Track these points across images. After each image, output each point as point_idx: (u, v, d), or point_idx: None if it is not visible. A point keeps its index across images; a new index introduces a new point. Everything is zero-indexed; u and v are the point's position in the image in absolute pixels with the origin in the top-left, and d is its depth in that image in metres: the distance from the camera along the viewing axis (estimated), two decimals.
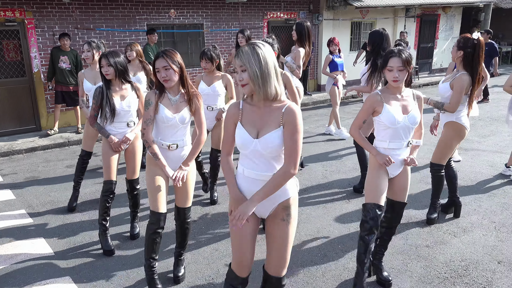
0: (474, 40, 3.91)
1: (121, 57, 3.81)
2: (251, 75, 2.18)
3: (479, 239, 4.08)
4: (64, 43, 7.60)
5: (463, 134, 4.22)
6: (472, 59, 3.93)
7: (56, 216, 4.75)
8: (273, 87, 2.22)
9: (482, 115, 9.33)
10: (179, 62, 3.05)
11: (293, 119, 2.21)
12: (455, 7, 15.30)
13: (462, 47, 3.95)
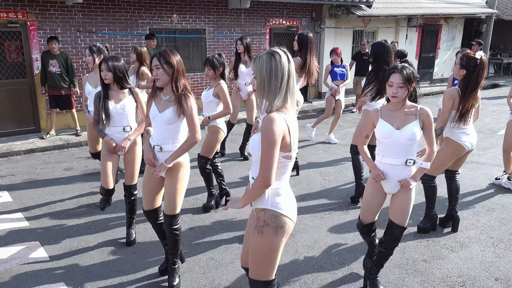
0: (477, 59, 3.93)
1: (121, 62, 3.83)
2: (258, 83, 2.19)
3: (476, 254, 4.05)
4: (52, 46, 7.50)
5: (459, 152, 4.20)
6: (471, 78, 3.96)
7: (53, 219, 4.73)
8: (279, 100, 2.18)
9: (482, 127, 9.33)
10: (173, 63, 3.07)
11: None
12: (457, 18, 15.35)
13: (465, 66, 3.97)
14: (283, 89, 2.18)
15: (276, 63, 2.16)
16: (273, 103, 2.18)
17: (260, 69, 2.17)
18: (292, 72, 2.21)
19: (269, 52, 2.18)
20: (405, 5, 13.35)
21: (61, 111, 8.38)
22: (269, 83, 2.16)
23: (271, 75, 2.15)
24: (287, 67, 2.19)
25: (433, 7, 13.95)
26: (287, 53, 2.23)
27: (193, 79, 10.09)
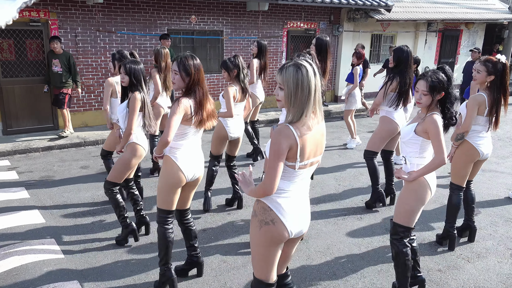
0: (503, 63, 3.86)
1: (139, 66, 3.88)
2: (286, 95, 2.21)
3: (493, 266, 3.97)
4: (54, 46, 7.49)
5: (472, 157, 4.08)
6: (501, 82, 3.90)
7: (68, 217, 4.79)
8: (304, 112, 2.20)
9: (501, 135, 9.15)
10: (191, 72, 3.09)
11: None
12: (478, 23, 15.09)
13: (494, 72, 3.88)
14: (309, 101, 2.20)
15: (303, 76, 2.18)
16: (298, 115, 2.21)
17: (287, 81, 2.19)
18: (318, 85, 2.22)
19: (295, 65, 2.20)
20: (425, 10, 13.18)
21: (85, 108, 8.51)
22: (295, 95, 2.18)
23: (297, 87, 2.17)
24: (314, 80, 2.20)
25: (453, 12, 13.74)
26: (313, 66, 2.24)
27: (210, 80, 10.13)
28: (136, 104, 3.86)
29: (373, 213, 5.07)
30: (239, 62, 4.73)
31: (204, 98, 3.18)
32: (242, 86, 4.78)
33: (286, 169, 2.29)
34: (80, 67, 8.44)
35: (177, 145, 3.21)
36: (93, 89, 8.69)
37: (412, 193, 3.15)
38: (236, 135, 4.90)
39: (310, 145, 2.28)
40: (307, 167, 2.34)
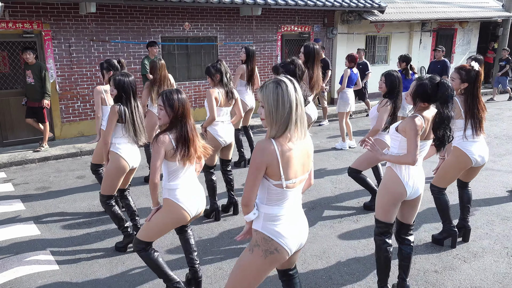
0: (476, 71, 3.94)
1: (130, 78, 3.86)
2: (266, 112, 2.21)
3: (490, 265, 3.95)
4: (27, 57, 7.33)
5: (464, 164, 4.08)
6: (474, 88, 3.96)
7: (63, 228, 4.78)
8: (286, 128, 2.20)
9: (498, 133, 9.15)
10: (175, 105, 3.07)
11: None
12: (473, 22, 15.12)
13: (467, 79, 3.94)
14: (290, 117, 2.20)
15: (283, 92, 2.18)
16: (278, 131, 2.21)
17: (267, 98, 2.20)
18: (300, 101, 2.22)
19: (275, 81, 2.21)
20: (419, 10, 13.21)
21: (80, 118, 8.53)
22: (276, 111, 2.19)
23: (278, 104, 2.18)
24: (294, 95, 2.21)
25: (447, 11, 13.78)
26: (294, 82, 2.25)
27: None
28: (112, 117, 3.86)
29: (369, 215, 5.06)
30: (221, 66, 4.70)
31: (189, 133, 3.12)
32: (226, 90, 4.73)
33: (274, 191, 2.29)
34: (74, 77, 8.46)
35: (174, 186, 3.16)
36: (88, 99, 8.70)
37: (384, 188, 3.20)
38: (229, 141, 4.89)
39: (295, 162, 2.27)
40: (296, 185, 2.34)
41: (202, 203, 3.34)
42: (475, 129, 4.00)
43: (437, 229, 4.51)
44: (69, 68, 8.38)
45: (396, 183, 3.14)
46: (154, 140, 3.06)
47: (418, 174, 3.21)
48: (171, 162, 3.11)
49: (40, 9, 7.85)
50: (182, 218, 3.20)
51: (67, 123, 8.57)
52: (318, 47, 5.64)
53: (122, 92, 3.82)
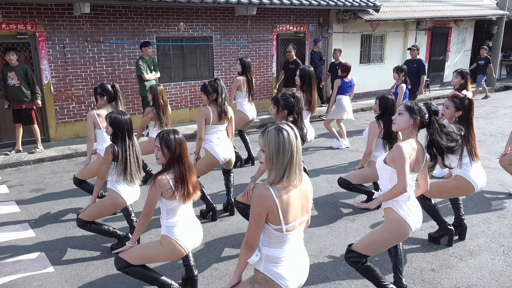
0: (469, 99, 4.06)
1: (126, 117, 3.86)
2: (267, 157, 2.24)
3: (486, 263, 3.96)
4: (10, 58, 7.17)
5: (466, 191, 4.17)
6: (468, 117, 4.08)
7: (59, 230, 4.75)
8: (284, 175, 2.23)
9: (493, 130, 9.18)
10: (172, 146, 3.10)
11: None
12: (467, 20, 15.16)
13: (461, 108, 4.06)
14: (291, 164, 2.23)
15: (284, 139, 2.21)
16: (277, 177, 2.24)
17: (269, 144, 2.22)
18: (299, 148, 2.26)
19: (277, 128, 2.24)
20: (414, 9, 13.23)
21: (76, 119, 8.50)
22: (276, 158, 2.21)
23: (278, 151, 2.20)
24: (295, 143, 2.24)
25: (442, 10, 13.80)
26: (294, 129, 2.28)
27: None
28: (106, 157, 3.90)
29: (366, 214, 5.06)
30: (218, 86, 4.71)
31: (186, 173, 3.15)
32: (219, 110, 4.74)
33: (275, 234, 2.31)
34: (69, 78, 8.42)
35: (172, 223, 3.18)
36: (83, 100, 8.66)
37: (387, 230, 3.11)
38: (228, 157, 4.92)
39: (294, 206, 2.29)
40: (296, 228, 2.36)
41: (199, 238, 3.39)
42: (472, 155, 4.09)
43: (434, 227, 4.51)
44: (64, 69, 8.34)
45: (401, 226, 3.08)
46: (152, 181, 3.09)
47: (417, 207, 3.19)
48: (169, 200, 3.14)
49: (33, 10, 7.81)
50: (178, 255, 3.25)
51: (62, 125, 8.53)
52: (313, 70, 5.83)
53: (118, 131, 3.83)
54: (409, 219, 3.07)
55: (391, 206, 3.11)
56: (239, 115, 6.65)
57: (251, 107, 6.77)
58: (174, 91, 9.80)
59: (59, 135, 8.53)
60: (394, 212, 3.09)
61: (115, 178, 3.97)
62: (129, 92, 9.20)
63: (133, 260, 3.23)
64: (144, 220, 3.22)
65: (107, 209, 4.04)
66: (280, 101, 4.05)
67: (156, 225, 4.69)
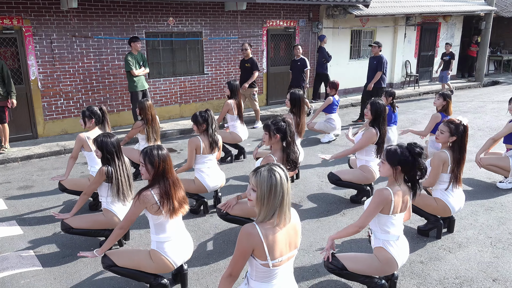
0: (464, 125, 4.11)
1: (112, 139, 3.88)
2: (258, 197, 2.28)
3: (474, 255, 4.00)
4: None
5: (444, 213, 4.26)
6: (462, 142, 4.13)
7: (47, 227, 4.70)
8: (274, 214, 2.28)
9: (481, 125, 9.27)
10: (155, 162, 3.11)
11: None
12: (456, 15, 15.27)
13: (456, 133, 4.11)
14: (281, 205, 2.29)
15: (276, 181, 2.26)
16: (269, 215, 2.29)
17: (261, 185, 2.27)
18: (289, 189, 2.32)
19: (269, 170, 2.28)
20: (403, 4, 13.29)
21: (64, 116, 8.41)
22: (268, 199, 2.26)
23: (270, 192, 2.25)
24: (286, 185, 2.29)
25: (431, 5, 13.88)
26: (285, 170, 2.33)
27: (191, 82, 10.07)
28: (98, 177, 3.91)
29: (356, 208, 5.08)
30: (209, 117, 4.76)
31: (171, 188, 3.15)
32: (210, 140, 4.77)
33: (261, 269, 2.36)
34: (57, 74, 8.31)
35: (162, 239, 3.20)
36: (71, 96, 8.57)
37: (377, 262, 3.18)
38: (218, 186, 4.97)
39: (281, 242, 2.34)
40: (283, 263, 2.39)
41: (189, 252, 3.41)
42: (456, 181, 4.16)
43: (423, 220, 4.55)
44: (51, 65, 8.23)
45: (390, 263, 3.16)
46: (137, 196, 3.12)
47: (406, 245, 3.30)
48: (155, 216, 3.15)
49: (20, 5, 7.69)
50: (166, 269, 3.27)
51: (50, 121, 8.43)
52: (302, 94, 5.93)
53: (107, 154, 3.85)
54: (398, 258, 3.18)
55: (382, 245, 3.19)
56: (233, 136, 6.80)
57: (243, 128, 6.90)
58: (164, 87, 9.73)
59: (47, 132, 8.43)
60: (385, 251, 3.17)
61: (110, 199, 4.00)
62: (118, 88, 9.11)
63: (120, 262, 3.24)
64: (120, 232, 3.29)
65: (99, 225, 4.06)
66: (271, 127, 4.08)
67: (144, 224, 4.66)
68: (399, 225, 3.23)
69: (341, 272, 3.20)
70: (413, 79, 14.52)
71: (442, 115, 6.03)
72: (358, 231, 3.19)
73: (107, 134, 3.96)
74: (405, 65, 14.44)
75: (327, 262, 3.22)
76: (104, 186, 3.98)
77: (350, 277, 3.24)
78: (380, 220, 3.16)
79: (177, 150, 7.82)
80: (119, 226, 3.30)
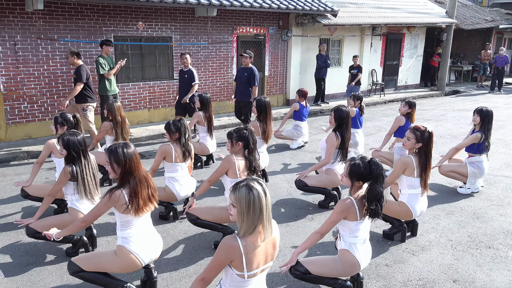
0: (429, 132, 4.28)
1: (79, 137, 3.83)
2: (238, 213, 2.34)
3: (436, 257, 4.16)
4: None
5: (407, 216, 4.38)
6: (428, 148, 4.29)
7: (9, 235, 4.54)
8: (254, 229, 2.34)
9: (443, 132, 9.64)
10: (121, 161, 3.08)
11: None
12: (419, 27, 15.86)
13: (422, 140, 4.27)
14: (261, 219, 2.35)
15: (254, 198, 2.32)
16: (250, 230, 2.35)
17: (239, 201, 2.33)
18: (268, 204, 2.37)
19: (247, 186, 2.33)
20: (369, 14, 13.69)
21: (27, 120, 8.15)
22: (247, 214, 2.32)
23: (249, 208, 2.31)
24: (264, 200, 2.35)
25: (395, 17, 14.36)
26: (264, 186, 2.38)
27: (160, 87, 9.98)
28: (63, 177, 3.85)
29: (324, 213, 5.18)
30: (181, 126, 4.76)
31: (138, 186, 3.12)
32: (183, 150, 4.77)
33: (236, 279, 2.43)
34: (21, 76, 8.07)
35: (128, 235, 3.18)
36: (35, 99, 8.32)
37: (340, 263, 3.29)
38: (188, 195, 4.97)
39: (259, 256, 2.41)
40: (257, 275, 2.47)
41: (157, 251, 3.39)
42: (423, 187, 4.31)
43: (388, 224, 4.69)
44: (15, 67, 7.98)
45: (354, 266, 3.29)
46: (107, 194, 3.08)
47: (369, 250, 3.44)
48: (124, 214, 3.13)
49: None
50: (133, 266, 3.23)
51: (13, 125, 8.16)
52: (269, 101, 6.06)
53: (73, 152, 3.79)
54: (361, 261, 3.30)
55: (348, 248, 3.30)
56: (201, 148, 6.79)
57: (212, 141, 6.89)
58: (133, 92, 9.61)
59: (9, 136, 8.15)
60: (351, 254, 3.28)
61: (75, 197, 3.94)
62: None
63: (86, 266, 3.18)
64: (82, 226, 3.26)
65: (65, 226, 3.90)
66: (233, 135, 4.16)
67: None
68: (367, 228, 3.35)
69: (305, 277, 3.27)
70: (378, 87, 14.95)
71: (406, 120, 6.30)
72: (320, 237, 3.30)
73: (73, 132, 3.88)
74: (371, 74, 14.85)
75: (291, 268, 3.28)
76: (69, 184, 3.90)
77: (314, 280, 3.31)
78: (350, 227, 3.27)
79: (146, 155, 7.73)
80: (83, 219, 3.23)
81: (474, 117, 5.83)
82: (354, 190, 3.27)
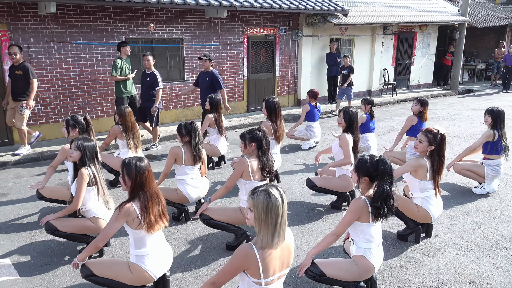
0: (442, 134, 4.24)
1: (91, 143, 3.86)
2: (256, 218, 2.34)
3: (451, 259, 4.10)
4: None
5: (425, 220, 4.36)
6: (440, 151, 4.25)
7: (24, 236, 4.59)
8: (271, 236, 2.34)
9: (457, 132, 9.52)
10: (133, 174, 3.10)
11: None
12: (431, 25, 15.69)
13: (434, 142, 4.23)
14: (277, 226, 2.35)
15: (272, 204, 2.32)
16: (268, 239, 2.35)
17: (257, 206, 2.33)
18: (285, 211, 2.37)
19: (266, 192, 2.34)
20: (381, 14, 13.58)
21: (41, 122, 8.24)
22: (265, 220, 2.33)
23: (267, 213, 2.32)
24: (281, 207, 2.35)
25: (407, 15, 14.23)
26: (282, 193, 2.38)
27: (171, 89, 10.02)
28: (83, 181, 3.80)
29: (337, 214, 5.15)
30: (192, 130, 4.74)
31: (149, 201, 3.11)
32: (193, 153, 4.75)
33: (253, 286, 2.43)
34: None
35: (142, 253, 3.17)
36: (49, 102, 8.42)
37: (355, 267, 3.25)
38: (200, 197, 4.98)
39: (274, 263, 2.41)
40: (274, 281, 2.46)
41: (169, 263, 3.40)
42: (435, 189, 4.28)
43: (402, 225, 4.64)
44: None
45: (369, 270, 3.27)
46: (118, 209, 3.06)
47: (382, 253, 3.41)
48: (137, 230, 3.11)
49: None
50: (145, 281, 3.25)
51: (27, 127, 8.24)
52: (278, 100, 6.00)
53: (88, 153, 3.82)
54: (376, 266, 3.29)
55: (363, 254, 3.27)
56: (212, 150, 6.79)
57: (223, 142, 6.89)
58: None
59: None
60: (366, 260, 3.26)
61: (93, 205, 3.96)
62: (97, 94, 9.00)
63: (99, 272, 3.19)
64: (98, 246, 3.20)
65: (85, 231, 4.01)
66: (246, 136, 4.15)
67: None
68: (379, 232, 3.32)
69: (320, 278, 3.25)
70: (390, 87, 14.82)
71: (418, 119, 6.23)
72: (335, 239, 3.27)
73: (85, 138, 3.92)
74: (383, 73, 14.73)
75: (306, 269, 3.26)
76: (87, 193, 3.90)
77: (329, 282, 3.29)
78: (362, 230, 3.24)
79: (157, 157, 7.77)
80: (97, 239, 3.18)
81: (486, 117, 5.74)
82: (363, 188, 3.26)
